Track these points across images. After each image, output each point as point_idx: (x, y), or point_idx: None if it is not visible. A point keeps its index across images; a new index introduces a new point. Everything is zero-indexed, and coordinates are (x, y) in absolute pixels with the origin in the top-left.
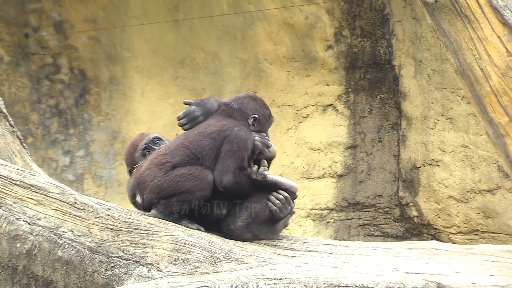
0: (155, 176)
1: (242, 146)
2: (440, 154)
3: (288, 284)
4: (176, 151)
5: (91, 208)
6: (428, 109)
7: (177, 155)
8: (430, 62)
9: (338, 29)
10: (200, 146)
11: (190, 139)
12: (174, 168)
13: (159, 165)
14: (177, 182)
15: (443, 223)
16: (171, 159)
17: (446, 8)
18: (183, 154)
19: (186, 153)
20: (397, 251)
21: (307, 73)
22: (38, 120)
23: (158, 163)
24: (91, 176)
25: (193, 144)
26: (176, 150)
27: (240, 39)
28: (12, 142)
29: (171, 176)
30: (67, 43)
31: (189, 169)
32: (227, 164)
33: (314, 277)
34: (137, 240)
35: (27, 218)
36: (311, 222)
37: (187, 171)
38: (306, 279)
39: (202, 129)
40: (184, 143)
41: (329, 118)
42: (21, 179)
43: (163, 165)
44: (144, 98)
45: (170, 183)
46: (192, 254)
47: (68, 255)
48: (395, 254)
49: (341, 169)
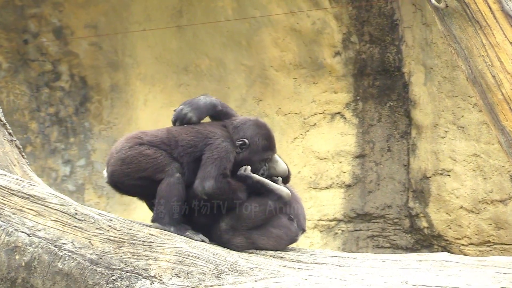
0: (121, 148)
1: (223, 155)
2: (451, 164)
3: None
4: (155, 132)
5: (92, 219)
6: (439, 117)
7: (151, 135)
8: (441, 69)
9: (346, 35)
10: (181, 136)
11: (176, 128)
12: (141, 145)
13: (129, 138)
14: (139, 162)
15: (454, 235)
16: (143, 136)
17: (457, 14)
18: (157, 135)
19: (161, 136)
20: (406, 263)
21: (314, 80)
22: (38, 129)
23: (129, 137)
24: (92, 186)
25: (176, 131)
26: (155, 131)
27: (246, 45)
28: (11, 151)
29: (135, 152)
30: (68, 49)
31: (155, 152)
32: (208, 170)
33: None
34: (139, 252)
35: (26, 229)
36: (318, 233)
37: (152, 153)
38: None
39: (193, 127)
40: (170, 128)
41: (337, 127)
42: (20, 189)
43: (132, 139)
44: (147, 106)
45: (132, 159)
46: (196, 267)
47: (68, 268)
48: (404, 266)
49: (349, 179)
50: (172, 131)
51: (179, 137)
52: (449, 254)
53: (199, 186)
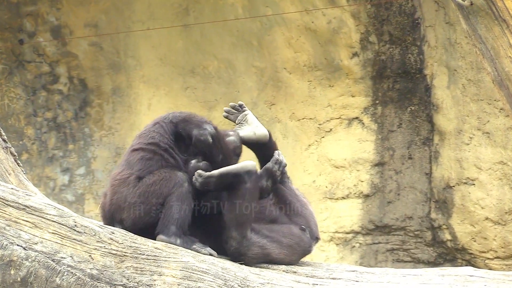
0: (126, 195)
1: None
2: (475, 172)
3: None
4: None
5: (93, 231)
6: (463, 123)
7: (135, 164)
8: (465, 71)
9: (364, 34)
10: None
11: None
12: (141, 179)
13: (122, 182)
14: (152, 192)
15: (479, 248)
16: (131, 171)
17: (482, 12)
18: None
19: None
20: (428, 278)
21: (330, 83)
22: (34, 135)
23: (122, 181)
24: (92, 197)
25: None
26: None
27: (257, 46)
28: (6, 159)
29: (142, 188)
30: (66, 50)
31: (159, 175)
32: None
33: None
34: (143, 267)
35: (22, 242)
36: (334, 246)
37: (157, 177)
38: None
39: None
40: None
41: (354, 133)
42: (15, 200)
43: (126, 180)
44: (151, 111)
45: (145, 195)
46: (204, 282)
47: (67, 283)
48: (426, 281)
49: (367, 188)
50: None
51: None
52: (473, 269)
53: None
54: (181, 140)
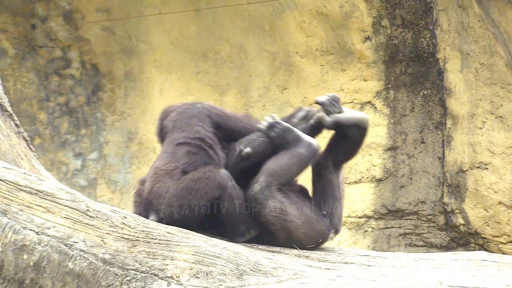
0: (169, 186)
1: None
2: (488, 156)
3: None
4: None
5: (105, 216)
6: (476, 107)
7: (181, 158)
8: (478, 55)
9: (376, 18)
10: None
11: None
12: (185, 174)
13: (167, 173)
14: (196, 189)
15: (492, 232)
16: (177, 164)
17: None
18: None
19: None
20: (441, 263)
21: (342, 67)
22: (47, 120)
23: (166, 172)
24: (105, 181)
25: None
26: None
27: (269, 30)
28: (18, 144)
29: (186, 182)
30: (78, 35)
31: (203, 173)
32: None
33: None
34: (155, 251)
35: (35, 227)
36: (347, 231)
37: (202, 175)
38: None
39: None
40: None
41: None
42: (28, 185)
43: (171, 172)
44: (163, 96)
45: (188, 190)
46: (216, 266)
47: (79, 268)
48: (439, 266)
49: (380, 173)
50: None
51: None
52: (486, 253)
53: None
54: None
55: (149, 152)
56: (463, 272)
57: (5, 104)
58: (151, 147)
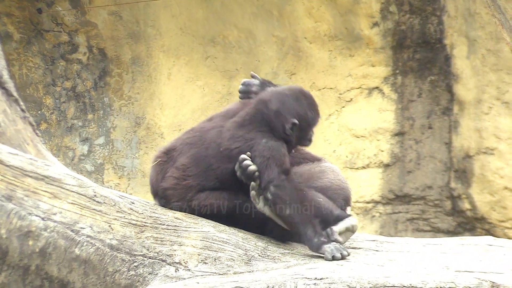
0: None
1: (275, 153)
2: (495, 142)
3: (329, 284)
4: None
5: (112, 201)
6: (482, 93)
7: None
8: (485, 41)
9: (384, 4)
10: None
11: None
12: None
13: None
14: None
15: (499, 217)
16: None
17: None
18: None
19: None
20: (448, 248)
21: (350, 53)
22: (53, 105)
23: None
24: (112, 167)
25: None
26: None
27: (277, 16)
28: (24, 129)
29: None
30: (85, 19)
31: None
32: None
33: (358, 276)
34: (163, 237)
35: (41, 212)
36: (354, 216)
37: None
38: (349, 279)
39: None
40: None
41: (374, 102)
42: (33, 170)
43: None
44: (171, 80)
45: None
46: (224, 252)
47: (86, 254)
48: (446, 250)
49: (387, 158)
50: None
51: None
52: (493, 238)
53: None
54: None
55: (157, 137)
56: (470, 257)
57: (10, 89)
58: (158, 132)
